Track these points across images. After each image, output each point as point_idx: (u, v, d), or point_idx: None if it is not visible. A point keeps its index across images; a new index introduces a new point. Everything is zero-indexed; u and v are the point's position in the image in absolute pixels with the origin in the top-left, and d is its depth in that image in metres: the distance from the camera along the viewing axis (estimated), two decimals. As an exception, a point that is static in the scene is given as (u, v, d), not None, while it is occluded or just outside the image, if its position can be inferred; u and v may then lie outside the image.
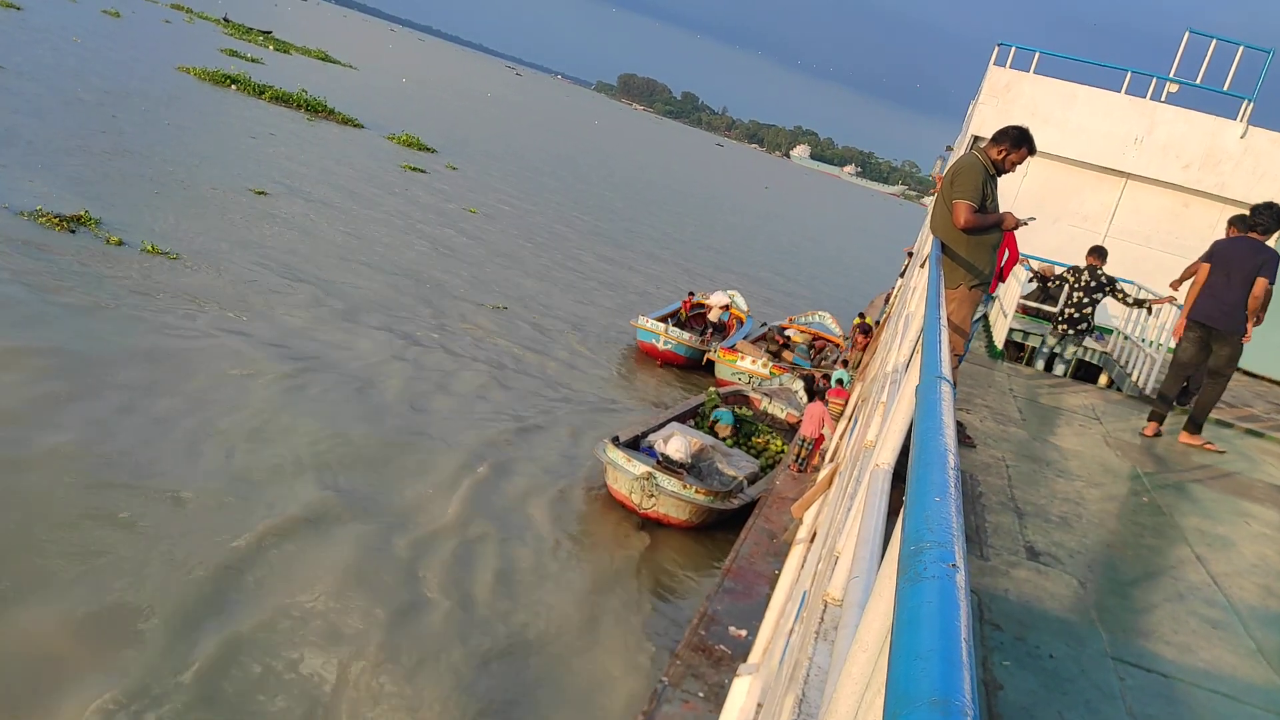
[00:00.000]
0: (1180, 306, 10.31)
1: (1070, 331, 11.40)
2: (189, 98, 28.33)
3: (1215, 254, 8.50)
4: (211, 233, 15.19)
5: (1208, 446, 8.53)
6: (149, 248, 13.19)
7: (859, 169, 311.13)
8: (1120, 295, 11.23)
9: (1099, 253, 11.31)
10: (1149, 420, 8.75)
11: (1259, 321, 8.33)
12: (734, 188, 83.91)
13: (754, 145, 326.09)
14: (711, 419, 12.57)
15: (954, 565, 1.00)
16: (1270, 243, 9.06)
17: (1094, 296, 11.22)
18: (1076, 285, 11.28)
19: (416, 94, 61.19)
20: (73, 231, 12.83)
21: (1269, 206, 8.43)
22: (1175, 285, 10.12)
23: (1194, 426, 8.65)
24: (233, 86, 33.13)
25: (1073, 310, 11.36)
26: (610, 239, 28.88)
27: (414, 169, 28.79)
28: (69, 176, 15.66)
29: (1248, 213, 9.58)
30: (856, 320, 17.97)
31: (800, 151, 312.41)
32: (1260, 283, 8.18)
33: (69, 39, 32.18)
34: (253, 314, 12.08)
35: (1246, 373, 14.41)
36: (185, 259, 13.34)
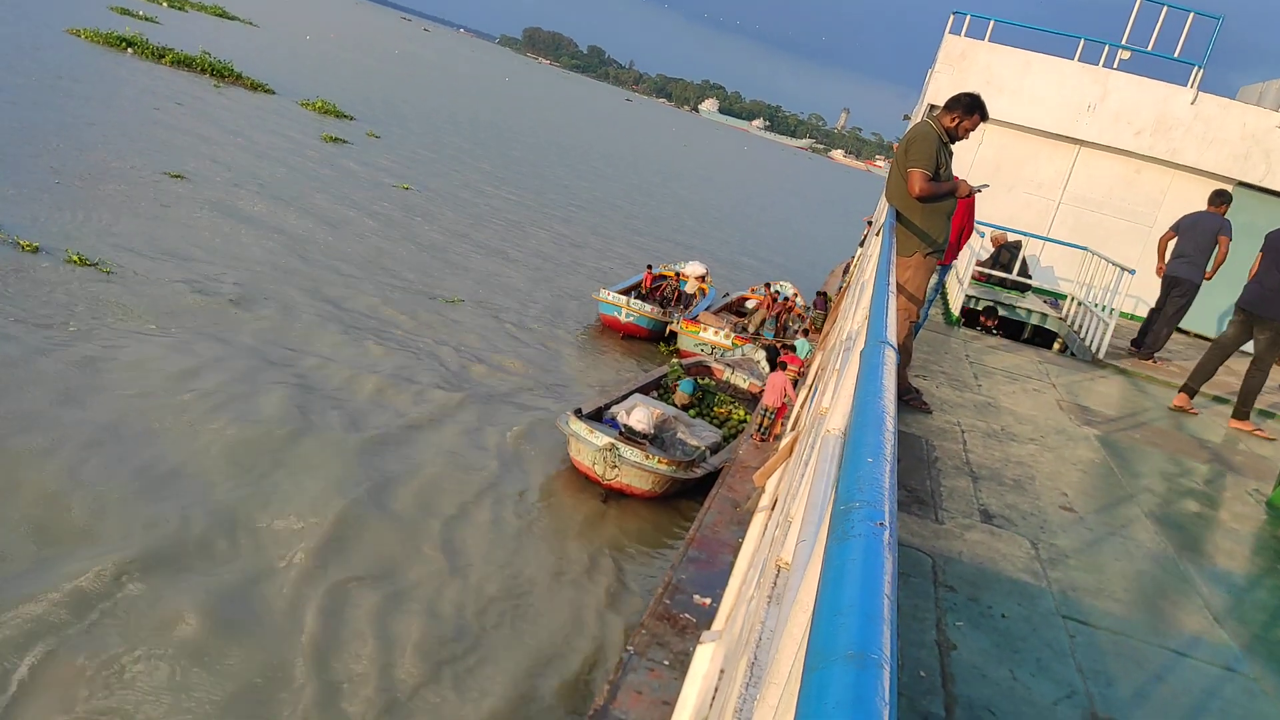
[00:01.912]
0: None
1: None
2: (82, 64, 25.93)
3: (1266, 241, 8.73)
4: (129, 231, 13.39)
5: (1257, 432, 8.73)
6: (75, 258, 11.50)
7: (767, 122, 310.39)
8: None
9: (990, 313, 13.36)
10: (1180, 391, 8.98)
11: None
12: (654, 146, 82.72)
13: (662, 100, 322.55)
14: (674, 385, 12.64)
15: (881, 524, 1.02)
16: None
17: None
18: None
19: (322, 52, 58.53)
20: (-29, 237, 11.19)
21: None
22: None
23: (1241, 413, 8.83)
24: (129, 50, 30.47)
25: None
26: (552, 211, 28.04)
27: (335, 140, 26.94)
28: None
29: (1228, 188, 9.94)
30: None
31: (709, 105, 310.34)
32: None
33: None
34: (193, 327, 10.77)
35: (1180, 329, 14.70)
36: (116, 269, 11.72)
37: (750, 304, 19.11)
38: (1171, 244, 10.86)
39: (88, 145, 17.54)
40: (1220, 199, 10.64)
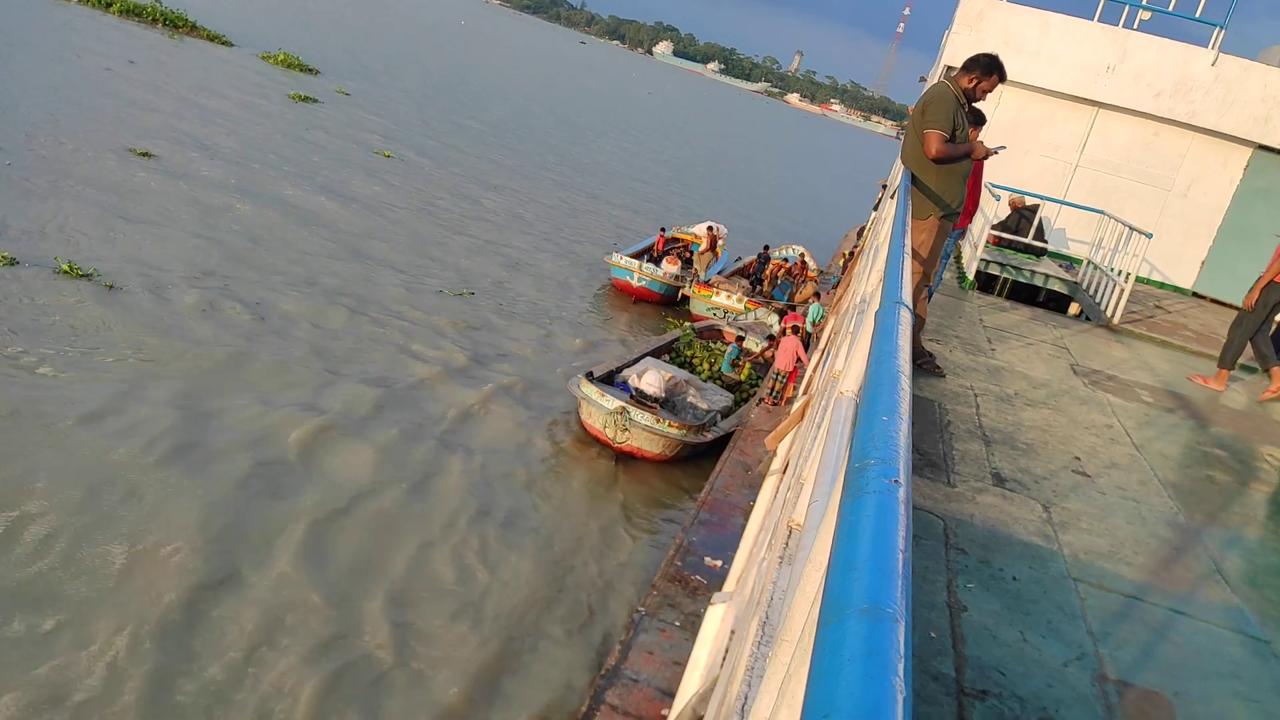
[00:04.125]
0: None
1: None
2: (20, 17, 23.88)
3: None
4: (108, 229, 11.81)
5: None
6: (67, 268, 10.14)
7: (722, 66, 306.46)
8: None
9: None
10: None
11: None
12: (621, 95, 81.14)
13: (615, 41, 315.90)
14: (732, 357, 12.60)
15: (896, 481, 1.02)
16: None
17: None
18: None
19: None
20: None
21: None
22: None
23: None
24: (72, -1, 28.40)
25: None
26: (542, 173, 26.99)
27: (305, 99, 25.30)
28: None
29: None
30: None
31: (663, 48, 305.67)
32: None
33: None
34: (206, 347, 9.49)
35: (1197, 294, 14.61)
36: (117, 281, 10.32)
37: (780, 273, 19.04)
38: None
39: (37, 116, 15.83)
40: None
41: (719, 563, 6.33)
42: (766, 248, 19.64)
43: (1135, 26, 14.31)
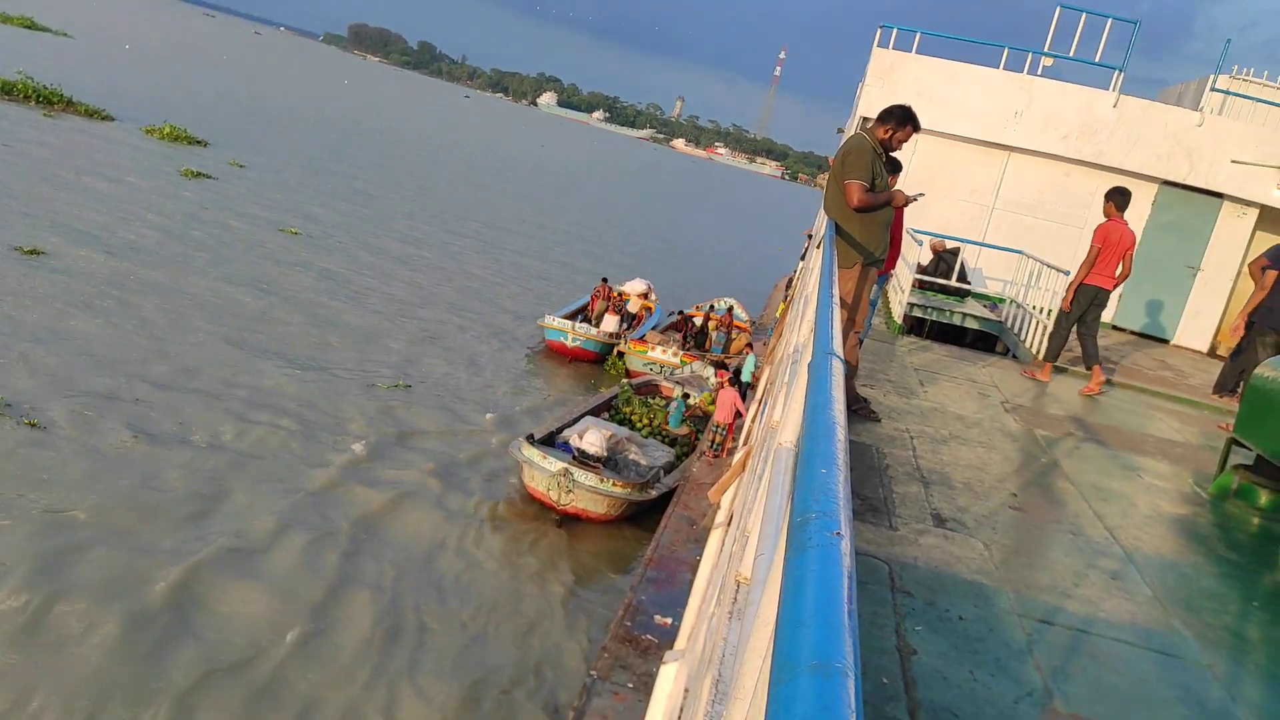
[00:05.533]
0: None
1: None
2: None
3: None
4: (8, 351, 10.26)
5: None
6: None
7: (607, 114, 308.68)
8: None
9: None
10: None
11: None
12: (515, 148, 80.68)
13: (500, 94, 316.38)
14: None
15: (838, 534, 1.03)
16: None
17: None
18: None
19: (148, 63, 53.36)
20: None
21: None
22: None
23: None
24: (-69, 77, 26.42)
25: None
26: (460, 240, 26.12)
27: (197, 175, 23.78)
28: None
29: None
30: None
31: (547, 99, 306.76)
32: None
33: None
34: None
35: (1116, 327, 15.05)
36: (42, 420, 8.92)
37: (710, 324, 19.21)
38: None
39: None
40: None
41: (669, 620, 6.29)
42: (680, 312, 19.98)
43: (1039, 73, 14.90)
